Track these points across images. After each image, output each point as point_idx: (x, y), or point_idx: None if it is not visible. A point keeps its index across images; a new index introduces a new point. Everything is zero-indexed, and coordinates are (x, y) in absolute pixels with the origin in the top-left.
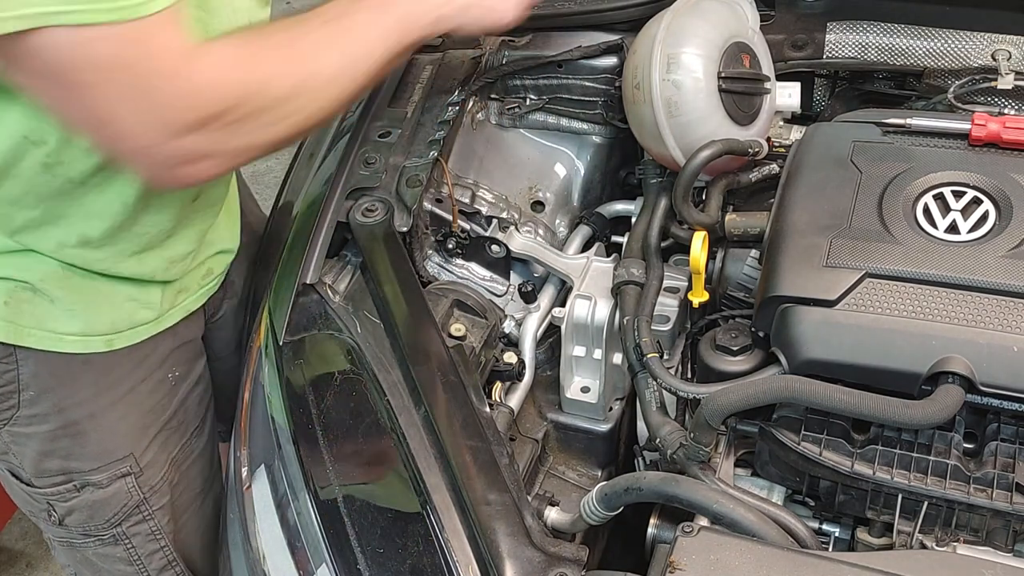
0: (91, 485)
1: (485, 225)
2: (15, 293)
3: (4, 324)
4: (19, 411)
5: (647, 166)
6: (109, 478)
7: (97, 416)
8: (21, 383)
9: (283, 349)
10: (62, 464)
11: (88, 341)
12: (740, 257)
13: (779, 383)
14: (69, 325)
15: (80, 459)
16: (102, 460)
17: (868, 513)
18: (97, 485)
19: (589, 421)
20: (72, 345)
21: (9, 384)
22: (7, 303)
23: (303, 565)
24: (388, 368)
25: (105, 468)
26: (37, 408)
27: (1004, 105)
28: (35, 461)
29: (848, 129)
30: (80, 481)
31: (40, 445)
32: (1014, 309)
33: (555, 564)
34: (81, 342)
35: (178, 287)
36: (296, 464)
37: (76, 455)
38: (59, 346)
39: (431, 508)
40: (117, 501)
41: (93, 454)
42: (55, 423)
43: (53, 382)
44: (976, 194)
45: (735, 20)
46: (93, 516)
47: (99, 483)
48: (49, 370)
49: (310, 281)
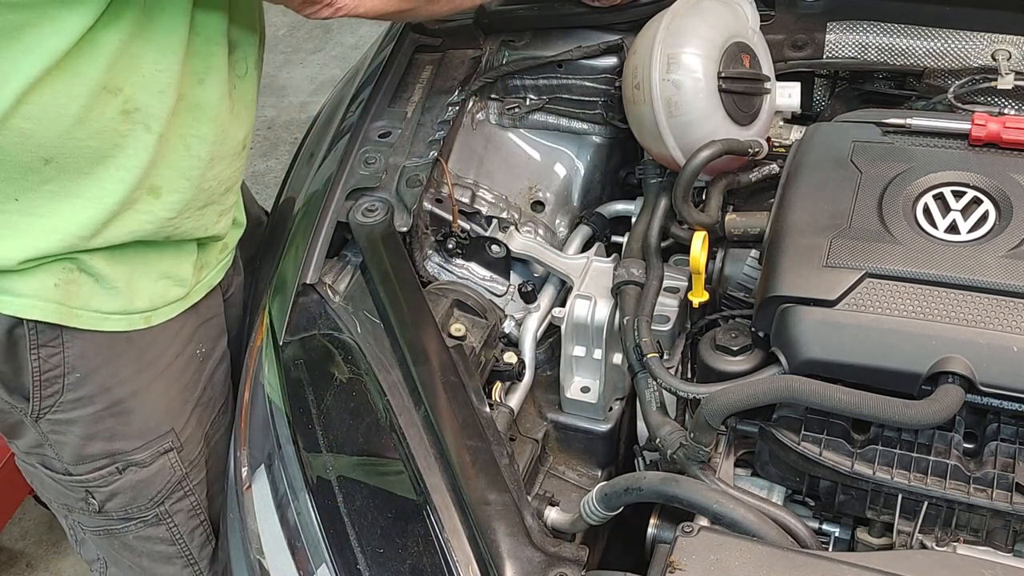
0: (134, 465)
1: (485, 225)
2: (64, 274)
3: (55, 307)
4: (63, 396)
5: (647, 166)
6: (152, 455)
7: (140, 393)
8: (67, 365)
9: (283, 349)
10: (105, 447)
11: (131, 319)
12: (740, 257)
13: (779, 383)
14: (112, 303)
15: (124, 439)
16: (145, 437)
17: (868, 513)
18: (140, 464)
19: (589, 421)
20: (116, 323)
21: (55, 368)
22: (57, 285)
23: (303, 565)
24: (388, 368)
25: (148, 445)
26: (82, 391)
27: (1004, 105)
28: (77, 447)
29: (848, 129)
30: (123, 463)
31: (84, 429)
32: (1014, 309)
33: (555, 564)
34: (125, 320)
35: (201, 262)
36: (296, 464)
37: (120, 435)
38: (104, 325)
39: (431, 508)
40: (161, 478)
41: (137, 432)
42: (100, 403)
43: (98, 361)
44: (976, 194)
45: (735, 20)
46: (136, 497)
47: (142, 461)
48: (94, 350)
49: (310, 281)
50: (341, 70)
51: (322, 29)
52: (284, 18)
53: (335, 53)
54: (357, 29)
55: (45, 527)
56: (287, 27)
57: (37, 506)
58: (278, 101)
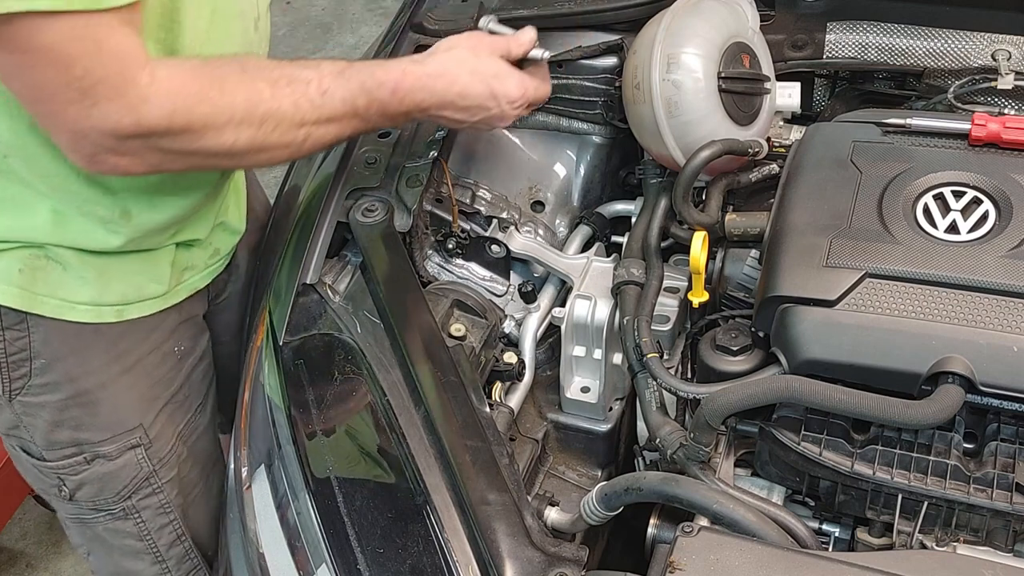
0: (101, 457)
1: (485, 225)
2: (30, 260)
3: (18, 291)
4: (31, 379)
5: (647, 166)
6: (119, 449)
7: (107, 385)
8: (33, 351)
9: (283, 349)
10: (72, 435)
11: (100, 311)
12: (740, 257)
13: (779, 383)
14: (81, 294)
15: (90, 430)
16: (112, 431)
17: (868, 513)
18: (107, 456)
19: (589, 421)
20: (84, 314)
21: (21, 352)
22: (21, 271)
23: (303, 565)
24: (388, 368)
25: (114, 439)
26: (48, 376)
27: (1004, 105)
28: (46, 433)
29: (848, 129)
30: (90, 453)
31: (51, 415)
32: (1014, 309)
33: (555, 564)
34: (93, 311)
35: (185, 264)
36: (296, 464)
37: (86, 425)
38: (71, 314)
39: (431, 508)
40: (127, 473)
41: (103, 424)
42: (66, 392)
43: (65, 350)
44: (976, 194)
45: (735, 20)
46: (103, 489)
47: (109, 454)
48: (61, 338)
49: (310, 281)
50: None
51: (322, 29)
52: (284, 18)
53: (335, 53)
54: (357, 29)
55: (45, 527)
56: (287, 27)
57: (37, 506)
58: None
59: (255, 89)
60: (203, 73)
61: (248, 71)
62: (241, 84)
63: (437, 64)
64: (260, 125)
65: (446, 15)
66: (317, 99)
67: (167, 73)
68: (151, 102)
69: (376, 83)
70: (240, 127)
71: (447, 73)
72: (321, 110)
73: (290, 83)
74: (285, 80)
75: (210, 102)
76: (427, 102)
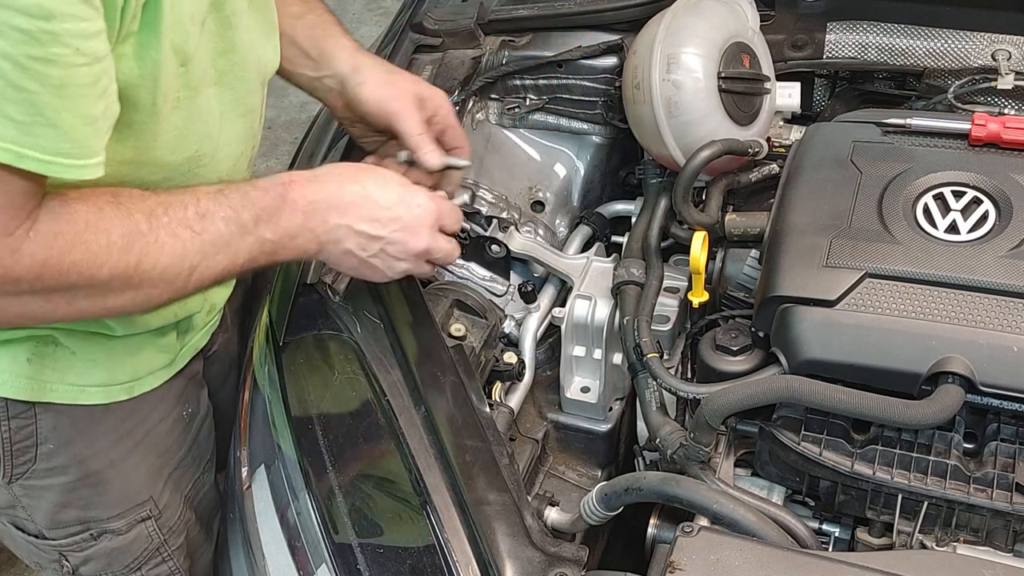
0: (109, 532)
1: (485, 225)
2: (38, 348)
3: (26, 382)
4: (36, 464)
5: (647, 166)
6: (128, 524)
7: (117, 464)
8: (40, 437)
9: (283, 349)
10: (79, 514)
11: (110, 391)
12: (740, 257)
13: (779, 383)
14: (91, 377)
15: (99, 508)
16: (122, 506)
17: (868, 513)
18: (116, 532)
19: (589, 421)
20: (94, 396)
21: (27, 440)
22: (29, 360)
23: (303, 565)
24: (388, 368)
25: (125, 514)
26: (56, 461)
27: (1004, 105)
28: (50, 513)
29: (848, 129)
30: (98, 529)
31: (57, 497)
32: (1014, 309)
33: (555, 564)
34: (103, 392)
35: (186, 326)
36: (296, 464)
37: (95, 504)
38: (81, 398)
39: (431, 508)
40: (137, 546)
41: (113, 501)
42: (74, 474)
43: (73, 434)
44: (976, 194)
45: (735, 20)
46: (111, 564)
47: (118, 530)
48: (70, 422)
49: (310, 281)
50: None
51: None
52: None
53: None
54: (357, 29)
55: None
56: None
57: None
58: (278, 101)
59: (131, 222)
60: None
61: (122, 204)
62: (116, 218)
63: (329, 167)
64: (138, 263)
65: (446, 15)
66: (196, 224)
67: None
68: (22, 252)
69: (260, 191)
70: (116, 266)
71: (344, 174)
72: (203, 236)
73: (167, 210)
74: (161, 208)
75: (85, 246)
76: (323, 205)
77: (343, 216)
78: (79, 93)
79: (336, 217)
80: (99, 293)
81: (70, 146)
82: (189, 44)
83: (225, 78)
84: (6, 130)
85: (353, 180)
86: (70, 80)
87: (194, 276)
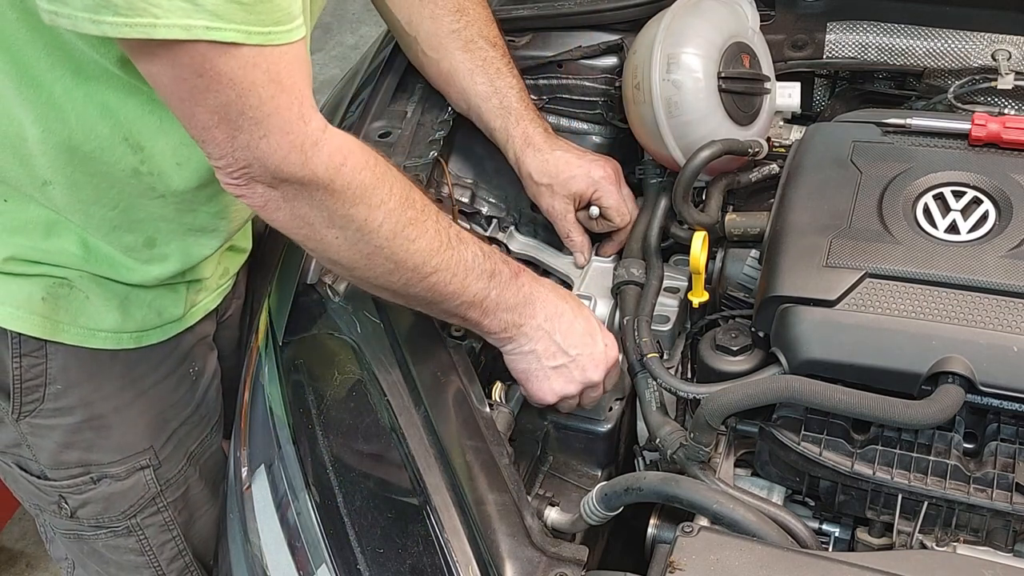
0: (108, 477)
1: (485, 225)
2: (53, 289)
3: (40, 319)
4: (43, 404)
5: (647, 166)
6: (128, 470)
7: (122, 410)
8: (49, 376)
9: (283, 349)
10: (81, 456)
11: (120, 337)
12: (740, 257)
13: (779, 383)
14: (103, 321)
15: (101, 451)
16: (123, 452)
17: (868, 513)
18: (115, 477)
19: (589, 421)
20: (104, 341)
21: (37, 378)
22: (44, 299)
23: (303, 565)
24: (388, 368)
25: (125, 460)
26: (63, 401)
27: (1004, 105)
28: (53, 453)
29: (848, 129)
30: (98, 473)
31: (62, 437)
32: (1014, 309)
33: (555, 564)
34: (113, 338)
35: (199, 287)
36: (296, 464)
37: (97, 447)
38: (91, 342)
39: (431, 508)
40: (135, 493)
41: (114, 447)
42: (80, 416)
43: (82, 376)
44: (976, 194)
45: (735, 20)
46: (108, 508)
47: (117, 475)
48: (78, 364)
49: (310, 281)
50: (341, 70)
51: (321, 29)
52: None
53: (335, 53)
54: (357, 29)
55: None
56: None
57: None
58: None
59: (411, 193)
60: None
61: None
62: (399, 180)
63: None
64: (404, 227)
65: None
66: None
67: (335, 130)
68: (322, 148)
69: (503, 261)
70: (389, 216)
71: (559, 290)
72: (455, 251)
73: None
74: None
75: (372, 173)
76: (540, 303)
77: (548, 320)
78: None
79: (543, 320)
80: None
81: (281, 15)
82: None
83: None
84: (235, 12)
85: (564, 298)
86: None
87: (431, 279)
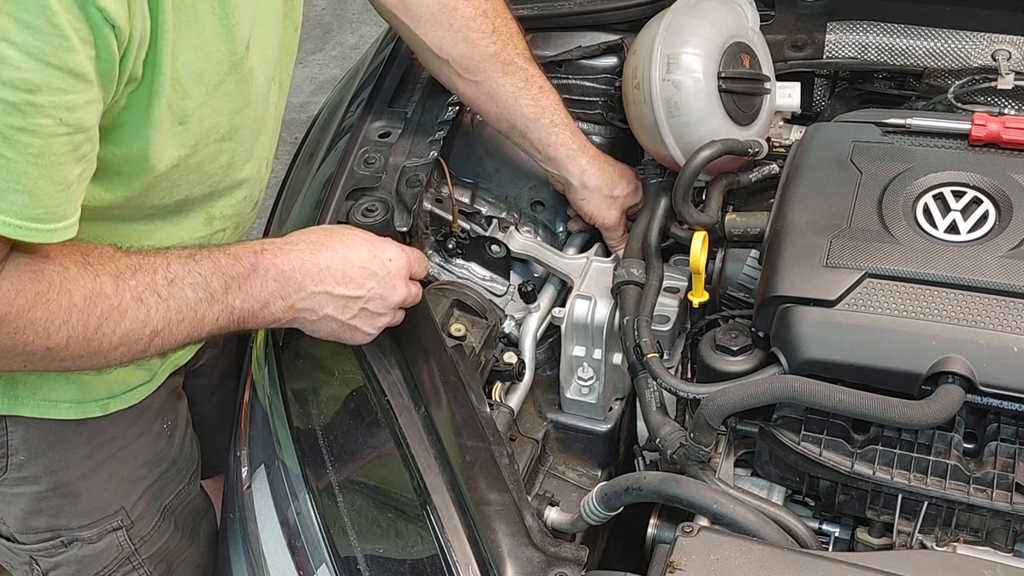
0: (80, 541)
1: (485, 225)
2: None
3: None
4: (7, 473)
5: (647, 166)
6: (99, 533)
7: (89, 476)
8: (11, 448)
9: (283, 349)
10: (50, 522)
11: (84, 407)
12: (740, 257)
13: (779, 383)
14: (64, 393)
15: (69, 517)
16: (92, 517)
17: (868, 513)
18: (86, 541)
19: (589, 421)
20: (67, 411)
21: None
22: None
23: (303, 565)
24: (388, 368)
25: (95, 524)
26: (26, 471)
27: (1004, 105)
28: (21, 519)
29: (848, 129)
30: (68, 537)
31: (28, 504)
32: (1014, 309)
33: (555, 564)
34: (77, 408)
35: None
36: (296, 464)
37: (65, 513)
38: (53, 413)
39: (431, 508)
40: (107, 555)
41: (83, 512)
42: (45, 484)
43: (44, 446)
44: (976, 194)
45: (735, 20)
46: (81, 570)
47: (88, 539)
48: (40, 435)
49: None
50: (341, 70)
51: (321, 29)
52: None
53: (335, 53)
54: (357, 29)
55: None
56: None
57: None
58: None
59: (96, 284)
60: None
61: (91, 264)
62: (81, 279)
63: (298, 234)
64: (99, 326)
65: None
66: (164, 289)
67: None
68: None
69: (232, 259)
70: (74, 329)
71: (314, 240)
72: (169, 302)
73: (135, 273)
74: (130, 271)
75: (45, 306)
76: (297, 273)
77: (319, 283)
78: (57, 161)
79: (312, 284)
80: (56, 353)
81: (42, 211)
82: (188, 104)
83: (239, 133)
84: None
85: (323, 245)
86: (49, 149)
87: (155, 341)
